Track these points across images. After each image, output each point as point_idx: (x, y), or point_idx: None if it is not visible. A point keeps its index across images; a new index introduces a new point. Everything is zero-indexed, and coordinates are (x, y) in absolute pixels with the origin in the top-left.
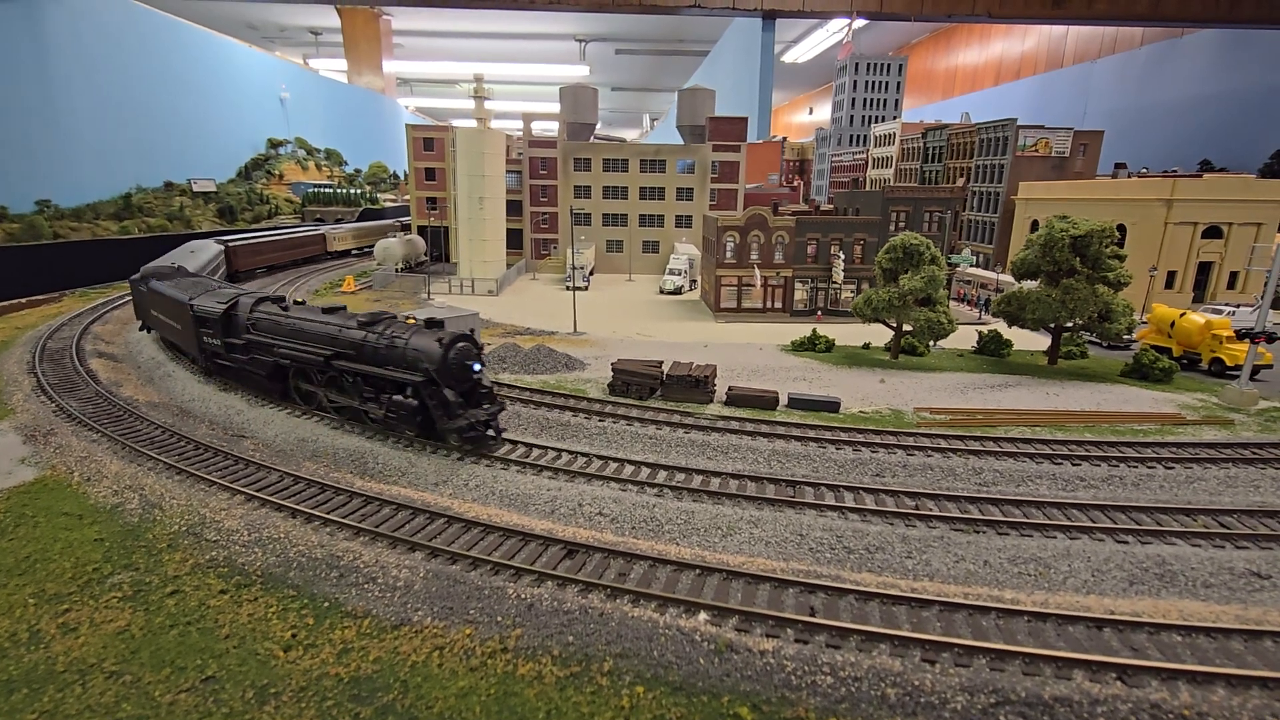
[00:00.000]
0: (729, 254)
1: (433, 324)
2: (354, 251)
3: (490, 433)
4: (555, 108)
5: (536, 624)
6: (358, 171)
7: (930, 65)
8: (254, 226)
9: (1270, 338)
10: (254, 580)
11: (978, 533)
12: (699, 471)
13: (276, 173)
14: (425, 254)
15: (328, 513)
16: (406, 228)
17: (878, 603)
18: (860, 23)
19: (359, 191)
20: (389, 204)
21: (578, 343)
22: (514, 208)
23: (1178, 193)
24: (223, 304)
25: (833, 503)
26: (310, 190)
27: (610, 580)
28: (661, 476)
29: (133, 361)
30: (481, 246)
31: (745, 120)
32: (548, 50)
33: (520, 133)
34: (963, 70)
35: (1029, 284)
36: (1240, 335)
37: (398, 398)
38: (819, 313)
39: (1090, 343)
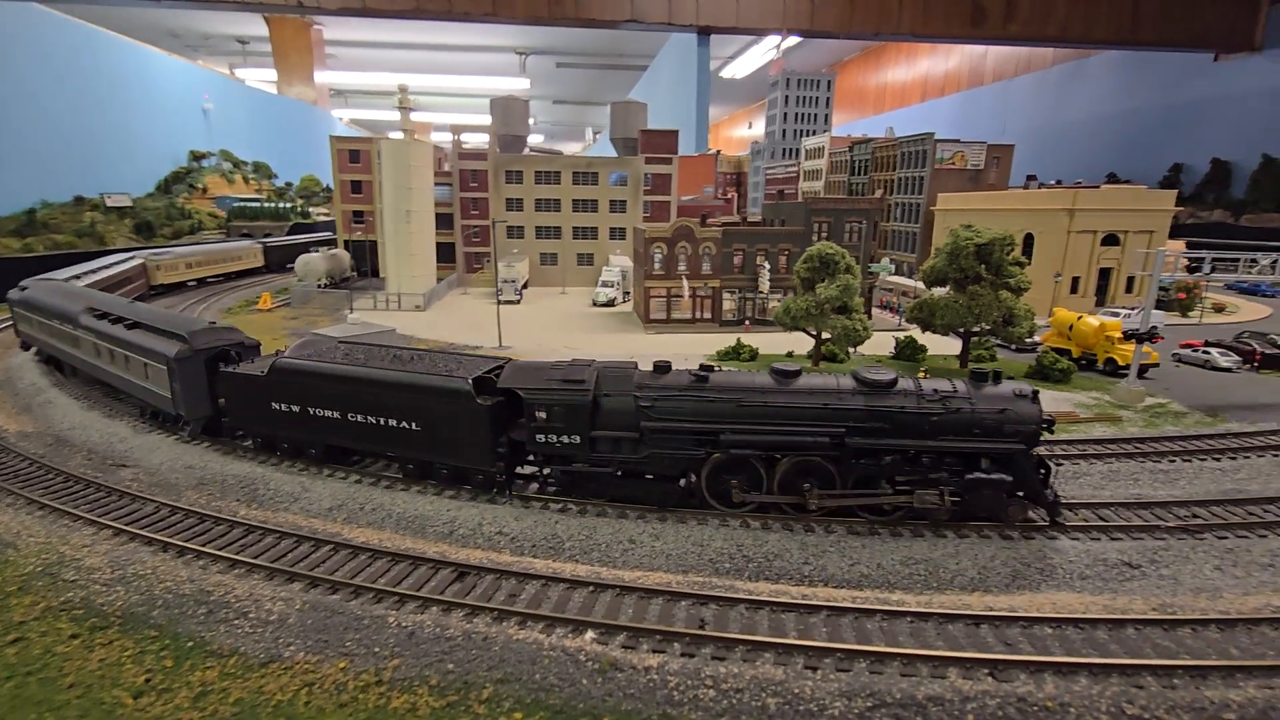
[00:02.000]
0: (657, 265)
1: (981, 376)
2: (192, 283)
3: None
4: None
5: (416, 653)
6: (289, 185)
7: (862, 82)
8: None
9: (1152, 337)
10: (111, 622)
11: (874, 535)
12: None
13: (199, 186)
14: (351, 269)
15: (203, 545)
16: (291, 248)
17: (768, 611)
18: (794, 40)
19: (289, 205)
20: (322, 218)
21: (502, 357)
22: (446, 221)
23: (1078, 203)
24: (580, 384)
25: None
26: (236, 204)
27: (499, 603)
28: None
29: (10, 388)
30: (409, 260)
31: (676, 133)
32: (488, 63)
33: (458, 145)
34: (892, 87)
35: (939, 291)
36: (1127, 336)
37: (979, 475)
38: (747, 322)
39: (999, 346)
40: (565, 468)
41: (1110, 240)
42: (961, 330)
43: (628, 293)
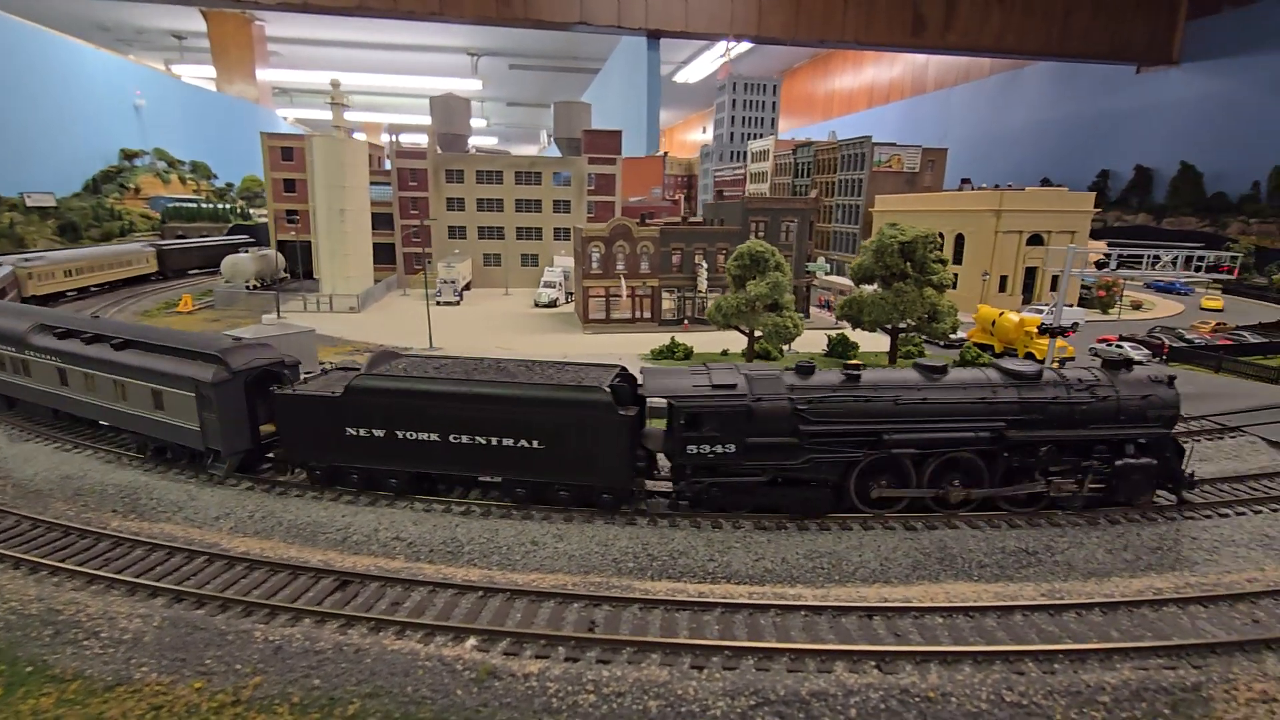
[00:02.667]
0: (594, 265)
1: (1115, 365)
2: (72, 293)
3: None
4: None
5: (281, 668)
6: (229, 186)
7: (811, 89)
8: None
9: (1064, 331)
10: None
11: (780, 530)
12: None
13: (131, 186)
14: (284, 270)
15: (61, 560)
16: (192, 252)
17: (662, 610)
18: (745, 46)
19: (228, 206)
20: (264, 219)
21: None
22: (386, 221)
23: (1004, 204)
24: (733, 388)
25: (643, 511)
26: (171, 205)
27: (378, 612)
28: (473, 494)
29: None
30: (344, 261)
31: (619, 134)
32: (439, 63)
33: (395, 144)
34: (840, 94)
35: (868, 288)
36: (1041, 330)
37: (1129, 461)
38: (685, 321)
39: (929, 341)
40: (716, 479)
41: (1035, 240)
42: (889, 326)
43: (570, 293)
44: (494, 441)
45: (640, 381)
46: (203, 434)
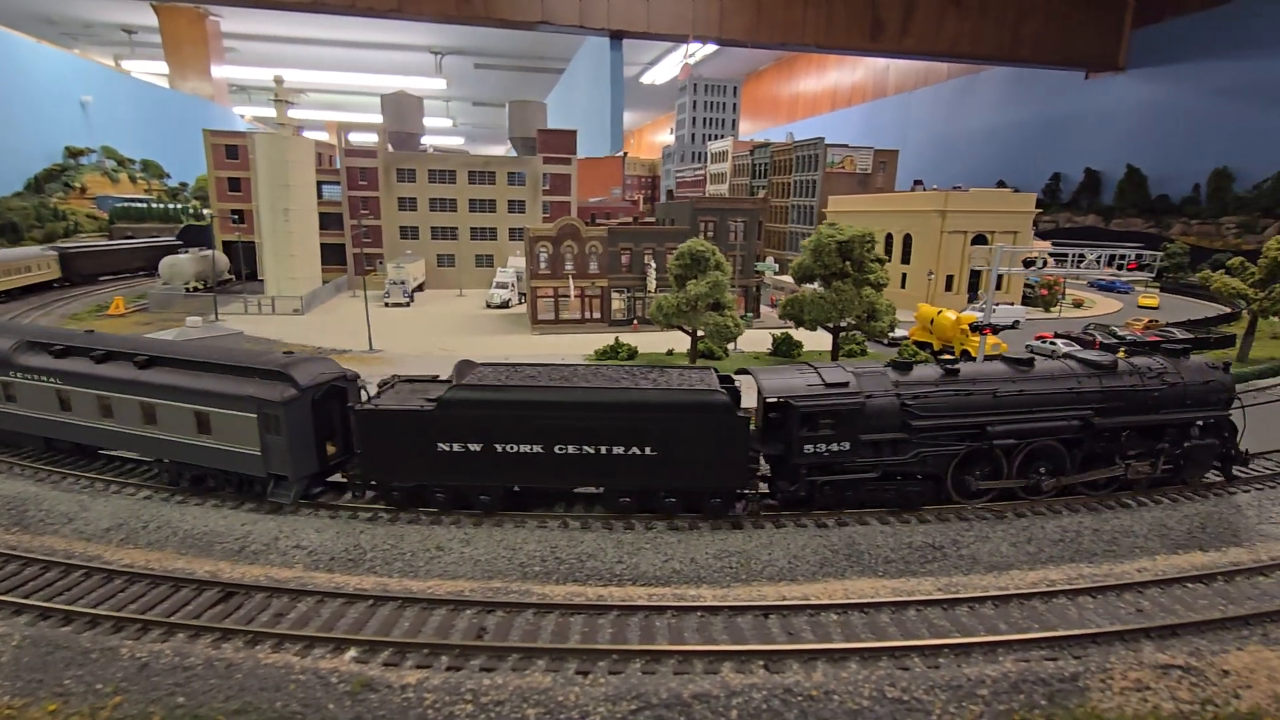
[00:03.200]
0: (542, 265)
1: (1174, 353)
2: None
3: None
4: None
5: (145, 686)
6: (183, 185)
7: (776, 91)
8: None
9: (994, 329)
10: None
11: (693, 530)
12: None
13: (77, 185)
14: (229, 271)
15: None
16: (102, 256)
17: (556, 615)
18: (711, 47)
19: (180, 206)
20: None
21: (368, 360)
22: (337, 221)
23: (949, 205)
24: (845, 386)
25: (554, 513)
26: (119, 205)
27: (259, 624)
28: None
29: None
30: (289, 262)
31: (574, 133)
32: (403, 62)
33: (344, 141)
34: (804, 97)
35: (809, 287)
36: (973, 328)
37: (1197, 442)
38: (635, 322)
39: (874, 340)
40: (829, 477)
41: (980, 240)
42: (830, 325)
43: (524, 294)
44: (603, 450)
45: (759, 382)
46: (265, 459)
